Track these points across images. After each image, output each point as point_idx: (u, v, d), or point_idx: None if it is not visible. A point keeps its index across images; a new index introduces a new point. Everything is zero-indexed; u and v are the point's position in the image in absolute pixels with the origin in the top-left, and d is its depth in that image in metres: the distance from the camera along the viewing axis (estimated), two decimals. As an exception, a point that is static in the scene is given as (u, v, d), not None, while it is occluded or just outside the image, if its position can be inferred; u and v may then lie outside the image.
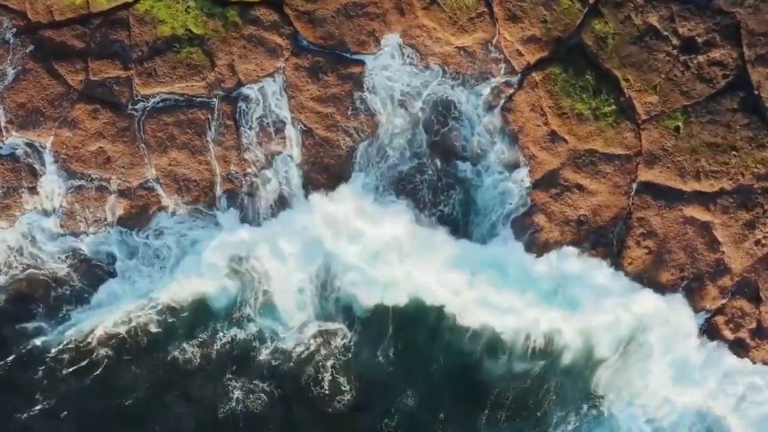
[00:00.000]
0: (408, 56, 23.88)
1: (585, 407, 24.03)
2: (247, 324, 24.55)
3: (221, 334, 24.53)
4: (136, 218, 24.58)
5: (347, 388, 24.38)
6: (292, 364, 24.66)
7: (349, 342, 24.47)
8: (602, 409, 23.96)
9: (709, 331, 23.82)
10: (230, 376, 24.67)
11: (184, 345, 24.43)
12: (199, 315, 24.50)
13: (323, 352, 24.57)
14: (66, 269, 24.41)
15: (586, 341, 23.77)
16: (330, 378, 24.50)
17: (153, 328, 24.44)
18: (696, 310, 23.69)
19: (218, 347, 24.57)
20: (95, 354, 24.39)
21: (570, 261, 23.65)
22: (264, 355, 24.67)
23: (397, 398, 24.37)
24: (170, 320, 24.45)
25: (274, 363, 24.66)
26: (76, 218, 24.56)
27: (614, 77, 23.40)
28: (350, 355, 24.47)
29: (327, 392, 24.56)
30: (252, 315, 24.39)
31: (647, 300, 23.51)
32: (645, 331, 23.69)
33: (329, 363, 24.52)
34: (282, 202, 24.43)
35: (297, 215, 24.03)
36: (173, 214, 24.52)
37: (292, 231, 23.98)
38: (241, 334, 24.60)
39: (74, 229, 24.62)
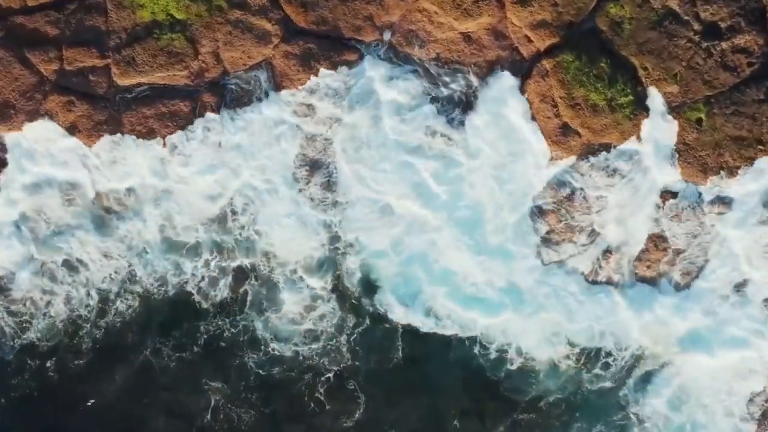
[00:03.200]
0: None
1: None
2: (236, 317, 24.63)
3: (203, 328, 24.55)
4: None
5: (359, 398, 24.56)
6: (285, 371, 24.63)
7: (353, 344, 24.52)
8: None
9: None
10: (210, 382, 24.67)
11: (158, 344, 24.54)
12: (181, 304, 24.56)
13: (323, 356, 24.56)
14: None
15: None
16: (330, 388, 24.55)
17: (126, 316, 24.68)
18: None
19: (198, 346, 24.63)
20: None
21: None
22: (252, 358, 24.64)
23: (405, 410, 24.52)
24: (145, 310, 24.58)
25: (263, 370, 24.59)
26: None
27: (631, 65, 22.98)
28: (357, 361, 24.53)
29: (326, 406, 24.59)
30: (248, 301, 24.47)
31: None
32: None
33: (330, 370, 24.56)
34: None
35: None
36: None
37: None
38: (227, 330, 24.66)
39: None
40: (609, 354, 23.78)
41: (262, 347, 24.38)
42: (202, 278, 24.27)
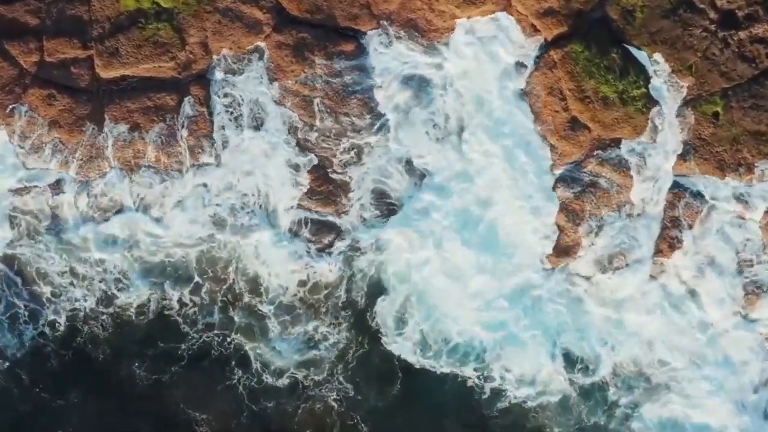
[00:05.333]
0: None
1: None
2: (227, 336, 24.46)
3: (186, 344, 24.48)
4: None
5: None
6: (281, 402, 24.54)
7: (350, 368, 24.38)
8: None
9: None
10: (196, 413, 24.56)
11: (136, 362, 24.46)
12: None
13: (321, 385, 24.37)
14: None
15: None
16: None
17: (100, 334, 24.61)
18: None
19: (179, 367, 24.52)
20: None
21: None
22: (243, 384, 24.50)
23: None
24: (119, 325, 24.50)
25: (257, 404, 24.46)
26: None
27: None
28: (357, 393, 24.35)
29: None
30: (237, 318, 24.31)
31: None
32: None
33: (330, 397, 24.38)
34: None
35: None
36: None
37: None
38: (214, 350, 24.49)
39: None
40: (606, 382, 23.64)
41: (256, 376, 24.26)
42: (193, 304, 24.14)
